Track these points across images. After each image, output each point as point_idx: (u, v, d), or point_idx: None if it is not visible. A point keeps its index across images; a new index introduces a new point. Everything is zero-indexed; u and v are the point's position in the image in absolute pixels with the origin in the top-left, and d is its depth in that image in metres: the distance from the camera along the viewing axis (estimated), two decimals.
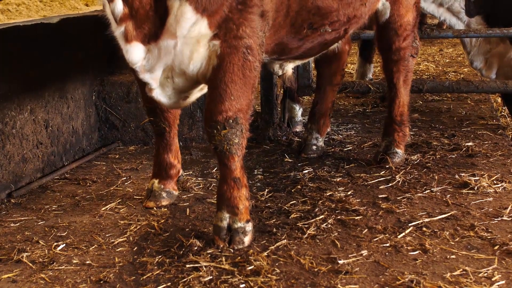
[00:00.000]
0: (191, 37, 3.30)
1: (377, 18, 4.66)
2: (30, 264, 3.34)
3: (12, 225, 3.89)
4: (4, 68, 4.30)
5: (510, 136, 5.87)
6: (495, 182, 4.35)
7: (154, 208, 4.08)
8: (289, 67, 4.60)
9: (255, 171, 4.75)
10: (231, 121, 3.38)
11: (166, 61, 3.39)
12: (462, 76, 8.34)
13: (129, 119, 5.44)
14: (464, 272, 3.15)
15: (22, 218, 3.99)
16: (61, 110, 4.93)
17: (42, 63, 4.70)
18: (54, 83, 4.85)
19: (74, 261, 3.37)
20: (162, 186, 4.14)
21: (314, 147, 5.08)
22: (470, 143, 5.20)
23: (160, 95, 3.58)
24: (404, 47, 4.73)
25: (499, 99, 7.91)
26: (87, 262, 3.36)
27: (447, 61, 9.71)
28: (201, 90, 3.79)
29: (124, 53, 3.33)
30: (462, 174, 4.50)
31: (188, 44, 3.32)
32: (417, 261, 3.27)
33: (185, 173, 4.62)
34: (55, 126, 4.86)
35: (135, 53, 3.30)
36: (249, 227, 3.51)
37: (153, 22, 3.27)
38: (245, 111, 3.43)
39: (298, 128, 5.80)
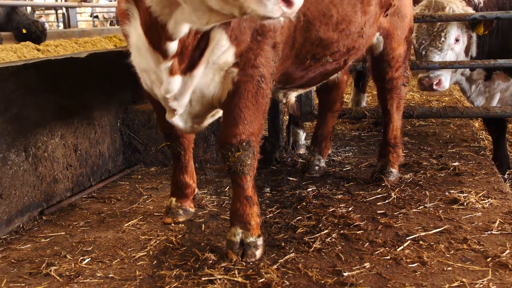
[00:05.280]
0: (218, 63, 3.10)
1: (372, 51, 4.49)
2: (58, 278, 3.13)
3: (42, 240, 3.68)
4: (37, 98, 4.13)
5: (491, 157, 5.66)
6: (482, 198, 4.15)
7: (172, 224, 3.86)
8: (292, 96, 4.42)
9: (264, 189, 4.53)
10: (244, 144, 3.18)
11: (193, 87, 3.16)
12: (443, 104, 8.13)
13: (150, 143, 5.27)
14: (461, 283, 2.93)
15: (52, 234, 3.77)
16: (89, 135, 4.74)
17: (72, 93, 4.53)
18: (83, 111, 4.67)
19: (98, 275, 3.15)
20: (179, 204, 3.93)
21: (317, 167, 4.87)
22: (456, 163, 4.98)
23: (177, 119, 3.36)
24: (396, 77, 4.56)
25: (477, 124, 7.73)
26: (110, 275, 3.14)
27: None
28: (213, 116, 3.58)
29: (164, 83, 3.05)
30: (452, 191, 4.29)
31: (212, 69, 3.12)
32: (416, 273, 3.05)
33: (200, 192, 4.41)
34: (84, 150, 4.66)
35: (175, 84, 3.04)
36: (260, 241, 3.29)
37: (193, 56, 3.03)
38: (256, 134, 3.24)
39: (302, 151, 5.60)
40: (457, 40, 5.19)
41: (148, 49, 2.97)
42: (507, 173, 5.69)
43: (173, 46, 2.88)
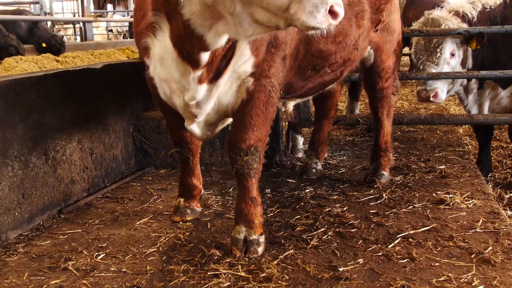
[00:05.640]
0: (238, 72, 3.07)
1: (363, 63, 4.48)
2: (75, 272, 3.12)
3: (61, 237, 3.68)
4: (57, 106, 4.13)
5: (475, 161, 5.65)
6: (467, 199, 4.13)
7: (180, 222, 3.85)
8: (291, 105, 4.42)
9: (265, 190, 4.51)
10: (252, 149, 3.17)
11: (216, 95, 3.11)
12: (431, 111, 8.12)
13: (160, 147, 5.27)
14: (447, 278, 2.93)
15: (70, 231, 3.77)
16: (103, 140, 4.74)
17: (88, 101, 4.53)
18: (98, 118, 4.67)
19: (112, 269, 3.15)
20: (187, 204, 3.92)
21: (314, 170, 4.86)
22: (442, 166, 4.97)
23: (195, 126, 3.32)
24: (386, 87, 4.56)
25: (461, 130, 7.72)
26: (123, 269, 3.14)
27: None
28: (223, 124, 3.56)
29: (191, 91, 2.99)
30: (439, 192, 4.27)
31: (231, 78, 3.09)
32: (406, 268, 3.04)
33: (206, 192, 4.40)
34: (99, 153, 4.66)
35: (201, 91, 2.99)
36: (262, 239, 3.29)
37: (220, 65, 2.97)
38: (263, 140, 3.24)
39: (300, 155, 5.59)
40: (452, 55, 5.17)
41: (175, 60, 2.90)
42: (489, 175, 5.68)
43: (205, 56, 2.82)
